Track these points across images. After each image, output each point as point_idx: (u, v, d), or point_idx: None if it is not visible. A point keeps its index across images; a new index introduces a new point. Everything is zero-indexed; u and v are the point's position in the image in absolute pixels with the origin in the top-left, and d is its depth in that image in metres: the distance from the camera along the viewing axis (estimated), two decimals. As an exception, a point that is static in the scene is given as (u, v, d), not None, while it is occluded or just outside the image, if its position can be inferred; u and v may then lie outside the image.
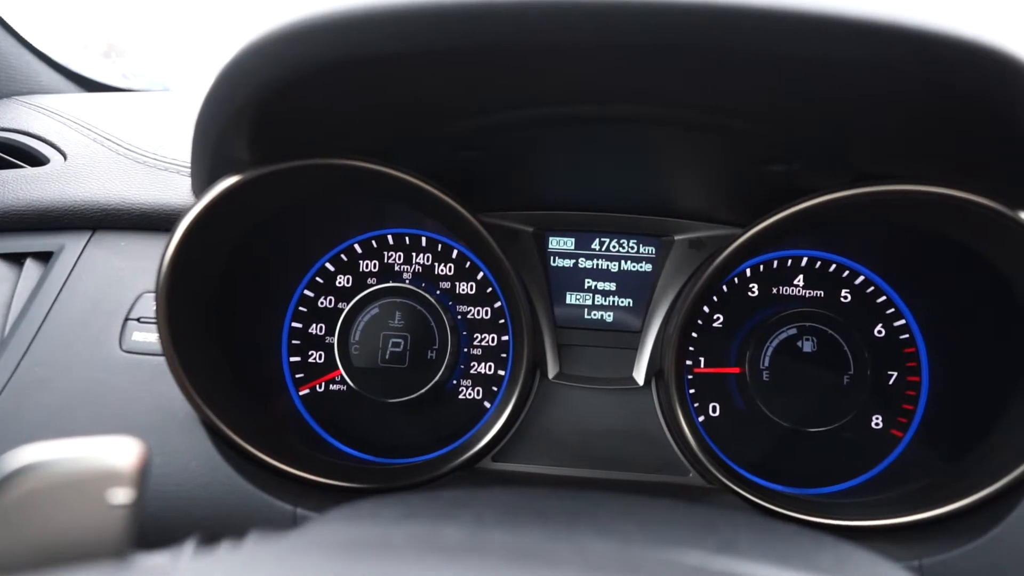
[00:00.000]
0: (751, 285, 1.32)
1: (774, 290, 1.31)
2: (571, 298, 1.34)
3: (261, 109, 0.85)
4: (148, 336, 1.11)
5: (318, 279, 1.35)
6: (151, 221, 1.21)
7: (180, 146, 1.30)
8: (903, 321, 1.27)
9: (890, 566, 0.65)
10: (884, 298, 1.28)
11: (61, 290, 1.16)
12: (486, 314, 1.34)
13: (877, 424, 1.26)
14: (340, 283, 1.35)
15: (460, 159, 1.08)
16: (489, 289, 1.34)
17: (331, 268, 1.35)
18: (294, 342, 1.33)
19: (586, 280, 1.34)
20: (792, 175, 1.01)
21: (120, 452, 0.55)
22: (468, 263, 1.34)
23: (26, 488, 0.51)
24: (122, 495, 0.54)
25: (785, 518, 1.09)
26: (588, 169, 1.14)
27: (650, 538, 0.59)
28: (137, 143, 1.33)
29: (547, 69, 0.78)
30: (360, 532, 0.62)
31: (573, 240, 1.34)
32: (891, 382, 1.27)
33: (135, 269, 1.17)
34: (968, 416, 1.14)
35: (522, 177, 1.21)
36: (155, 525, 0.99)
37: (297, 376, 1.33)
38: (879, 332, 1.28)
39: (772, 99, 0.81)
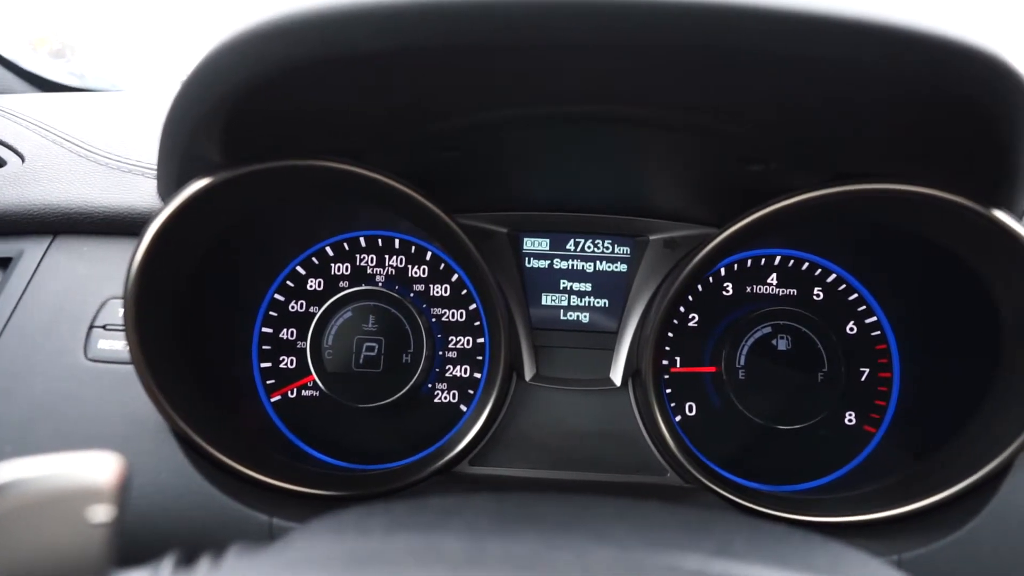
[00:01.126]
0: (725, 284, 1.32)
1: (748, 289, 1.32)
2: (546, 299, 1.33)
3: (235, 109, 0.82)
4: (115, 344, 1.08)
5: (289, 283, 1.32)
6: (115, 225, 1.17)
7: (144, 147, 1.26)
8: (874, 318, 1.29)
9: (880, 564, 0.65)
10: (856, 296, 1.30)
11: (21, 297, 1.12)
12: (461, 316, 1.33)
13: (850, 420, 1.28)
14: (311, 287, 1.32)
15: (436, 159, 1.06)
16: (464, 291, 1.32)
17: (302, 271, 1.32)
18: (265, 347, 1.30)
19: (561, 281, 1.33)
20: (770, 174, 1.01)
21: (99, 468, 0.53)
22: (442, 265, 1.33)
23: (2, 508, 0.48)
24: (102, 513, 0.52)
25: (764, 516, 1.10)
26: (567, 169, 1.13)
27: (647, 542, 0.59)
28: (98, 144, 1.29)
29: (539, 69, 0.77)
30: (351, 545, 0.60)
31: (548, 241, 1.33)
32: (863, 379, 1.28)
33: (99, 275, 1.14)
34: (940, 411, 1.16)
35: (498, 177, 1.20)
36: (125, 539, 0.96)
37: (268, 382, 1.30)
38: (851, 329, 1.29)
39: (761, 100, 0.81)
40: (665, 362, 1.30)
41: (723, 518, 0.79)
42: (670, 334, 1.30)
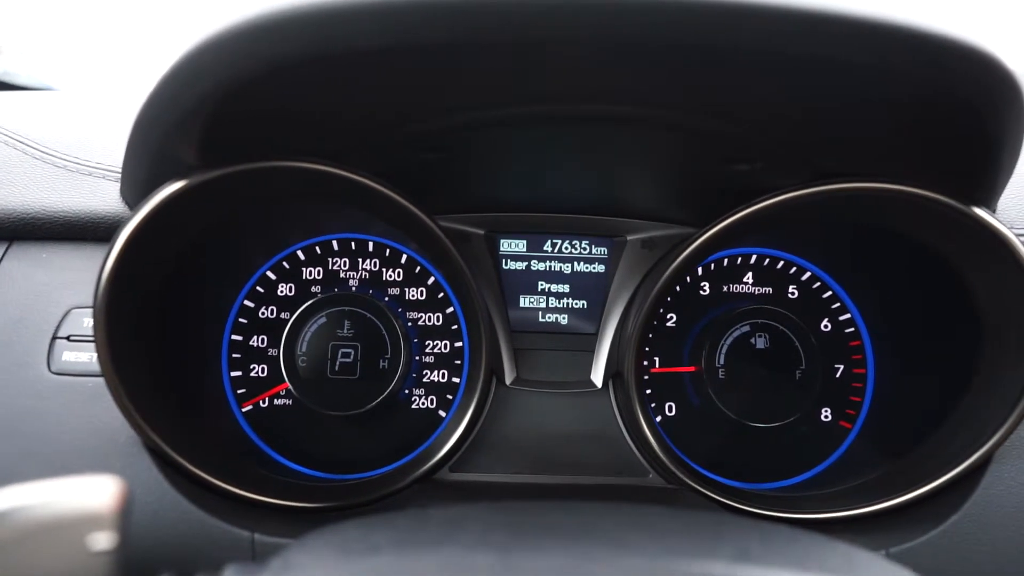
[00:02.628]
0: (702, 284, 1.32)
1: (724, 288, 1.32)
2: (525, 301, 1.32)
3: (216, 109, 0.79)
4: (80, 355, 1.02)
5: (258, 288, 1.28)
6: (76, 230, 1.11)
7: (103, 149, 1.20)
8: (848, 315, 1.30)
9: (887, 562, 0.66)
10: (830, 293, 1.31)
11: (-24, 308, 1.05)
12: (438, 320, 1.30)
13: (826, 416, 1.29)
14: (282, 292, 1.28)
15: (415, 160, 1.04)
16: (440, 294, 1.30)
17: (272, 276, 1.28)
18: (234, 355, 1.26)
19: (539, 283, 1.32)
20: (754, 174, 1.01)
21: (98, 493, 0.49)
22: (418, 268, 1.30)
23: (1, 537, 0.45)
24: (103, 540, 0.48)
25: (750, 515, 1.10)
26: (549, 170, 1.11)
27: (671, 551, 0.58)
28: (53, 146, 1.22)
29: (535, 67, 0.75)
30: (363, 563, 0.57)
31: (525, 242, 1.31)
32: (838, 375, 1.30)
33: (61, 283, 1.08)
34: (918, 407, 1.18)
35: (476, 178, 1.18)
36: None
37: (239, 391, 1.25)
38: (825, 327, 1.31)
39: (751, 99, 0.81)
40: (645, 363, 1.30)
41: (728, 521, 0.79)
42: (650, 335, 1.30)
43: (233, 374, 1.26)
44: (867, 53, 0.70)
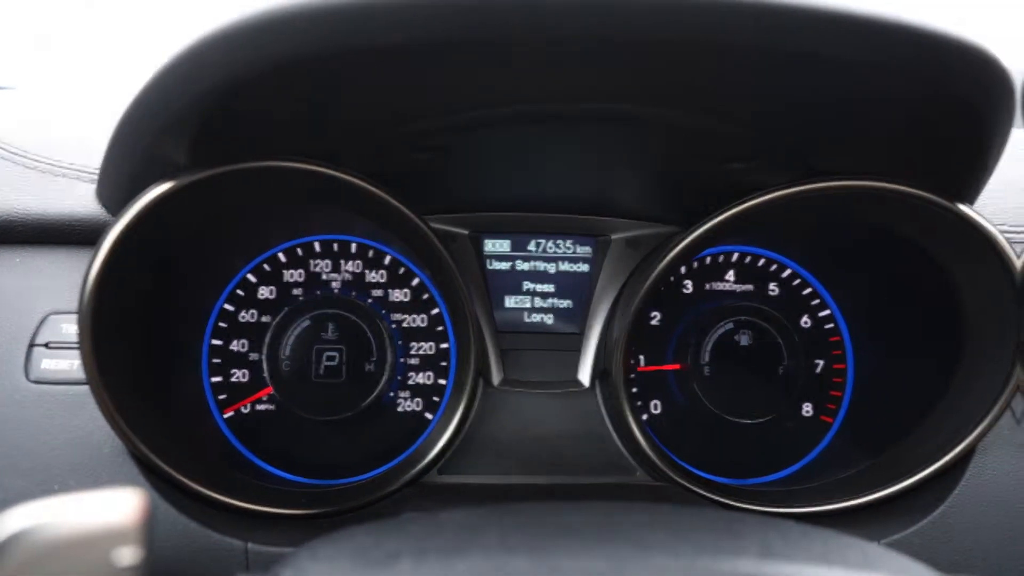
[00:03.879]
0: (685, 282, 1.33)
1: (707, 286, 1.33)
2: (510, 301, 1.31)
3: (212, 108, 0.77)
4: (60, 363, 0.99)
5: (239, 292, 1.25)
6: (50, 234, 1.07)
7: (76, 149, 1.15)
8: (828, 311, 1.33)
9: (901, 556, 0.67)
10: (810, 290, 1.33)
11: (-53, 316, 1.01)
12: (422, 322, 1.29)
13: (807, 412, 1.31)
14: (263, 295, 1.25)
15: (405, 161, 1.02)
16: (425, 296, 1.28)
17: (252, 279, 1.25)
18: (215, 360, 1.23)
19: (524, 283, 1.31)
20: (746, 172, 1.02)
21: (121, 507, 0.47)
22: (402, 269, 1.28)
23: (22, 558, 0.42)
24: (128, 555, 0.47)
25: (741, 510, 1.11)
26: (543, 169, 1.11)
27: (697, 549, 0.58)
28: (21, 145, 1.17)
29: (536, 66, 0.75)
30: (386, 573, 0.56)
31: (509, 242, 1.31)
32: (818, 371, 1.32)
33: (36, 288, 1.04)
34: (898, 401, 1.20)
35: (464, 178, 1.17)
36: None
37: (220, 397, 1.22)
38: (805, 323, 1.33)
39: (753, 98, 0.82)
40: (631, 361, 1.30)
41: (737, 517, 0.79)
42: (635, 333, 1.30)
43: (213, 380, 1.22)
44: (868, 52, 0.71)
